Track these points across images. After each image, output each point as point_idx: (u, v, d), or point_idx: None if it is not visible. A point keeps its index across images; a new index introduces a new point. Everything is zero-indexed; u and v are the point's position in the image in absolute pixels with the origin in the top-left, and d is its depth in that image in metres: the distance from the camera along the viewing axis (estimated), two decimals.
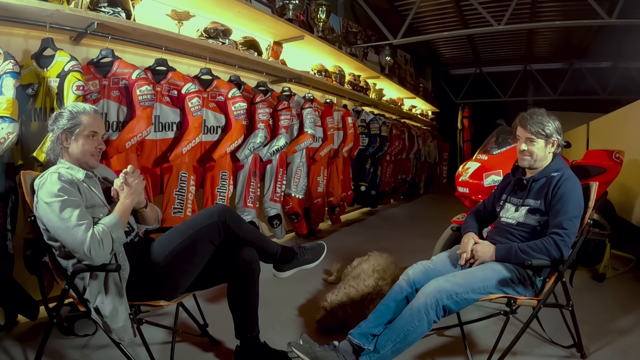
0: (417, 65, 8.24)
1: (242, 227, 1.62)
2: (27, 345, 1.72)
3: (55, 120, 1.50)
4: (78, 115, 1.50)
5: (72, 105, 1.55)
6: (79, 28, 2.10)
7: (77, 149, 1.50)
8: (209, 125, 2.71)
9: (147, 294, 1.47)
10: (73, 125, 1.49)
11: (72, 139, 1.49)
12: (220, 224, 1.54)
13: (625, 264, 3.11)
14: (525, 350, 1.82)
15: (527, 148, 1.73)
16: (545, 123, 1.70)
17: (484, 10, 4.95)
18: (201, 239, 1.52)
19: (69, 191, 1.38)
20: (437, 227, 2.78)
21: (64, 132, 1.49)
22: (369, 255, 2.58)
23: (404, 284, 1.69)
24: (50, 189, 1.36)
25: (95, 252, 1.31)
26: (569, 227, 1.59)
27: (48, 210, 1.34)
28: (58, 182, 1.38)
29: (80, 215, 1.34)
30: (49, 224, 1.36)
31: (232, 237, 1.58)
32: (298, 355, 1.53)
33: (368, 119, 5.06)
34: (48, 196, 1.35)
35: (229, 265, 1.58)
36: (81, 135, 1.50)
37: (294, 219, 3.62)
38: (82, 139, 1.50)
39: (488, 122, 4.17)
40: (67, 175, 1.44)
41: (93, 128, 1.52)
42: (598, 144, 4.77)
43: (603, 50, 7.89)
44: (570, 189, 1.64)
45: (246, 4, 2.88)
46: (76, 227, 1.31)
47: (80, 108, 1.53)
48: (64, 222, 1.32)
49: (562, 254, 1.58)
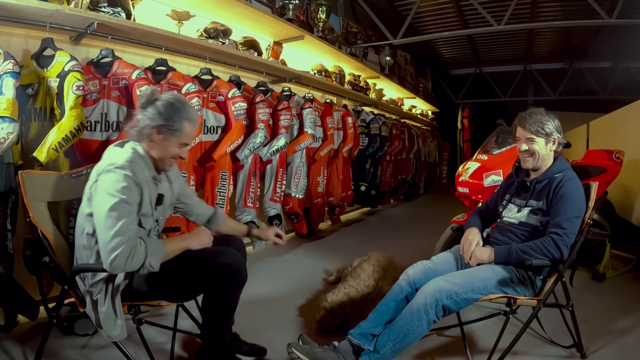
0: (417, 65, 8.24)
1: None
2: (27, 345, 1.72)
3: (156, 103, 1.39)
4: (182, 122, 1.41)
5: (182, 103, 1.43)
6: (79, 28, 2.10)
7: (162, 150, 1.42)
8: (209, 125, 2.71)
9: (148, 294, 1.46)
10: (174, 128, 1.40)
11: (162, 138, 1.41)
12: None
13: (625, 264, 3.11)
14: (525, 350, 1.82)
15: (528, 148, 1.72)
16: (545, 122, 1.70)
17: (484, 10, 4.94)
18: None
19: (130, 193, 1.32)
20: (437, 227, 2.79)
21: (160, 128, 1.39)
22: (369, 255, 2.58)
23: (403, 283, 1.69)
24: (116, 181, 1.30)
25: (116, 265, 1.26)
26: (568, 227, 1.59)
27: (104, 199, 1.29)
28: (126, 179, 1.31)
29: (127, 223, 1.28)
30: (96, 209, 1.31)
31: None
32: (298, 355, 1.53)
33: (368, 119, 5.06)
34: (110, 187, 1.30)
35: (207, 268, 1.43)
36: (175, 142, 1.42)
37: (294, 219, 3.62)
38: (172, 143, 1.42)
39: (488, 122, 4.17)
40: (138, 174, 1.36)
41: (188, 140, 1.46)
42: (598, 144, 4.77)
43: (603, 50, 7.89)
44: (571, 189, 1.64)
45: (246, 4, 2.88)
46: (115, 234, 1.26)
47: (189, 113, 1.43)
48: (108, 220, 1.27)
49: (562, 253, 1.58)
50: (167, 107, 1.40)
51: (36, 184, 1.50)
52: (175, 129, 1.41)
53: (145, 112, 1.41)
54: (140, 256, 1.29)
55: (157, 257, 1.34)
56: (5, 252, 1.76)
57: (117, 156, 1.37)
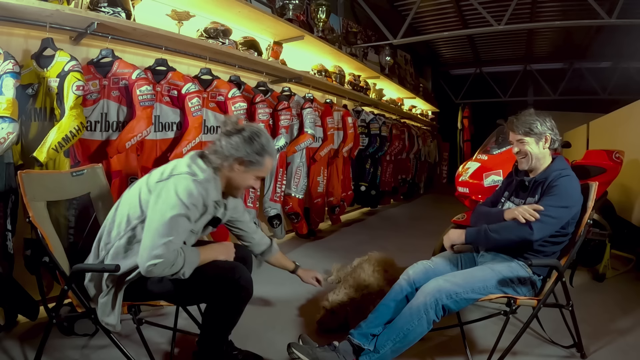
0: (417, 65, 8.24)
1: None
2: (27, 345, 1.72)
3: (247, 141, 1.42)
4: (265, 157, 1.45)
5: (266, 140, 1.46)
6: (79, 28, 2.10)
7: (239, 181, 1.47)
8: (209, 125, 2.71)
9: (152, 295, 1.46)
10: (256, 162, 1.44)
11: (242, 169, 1.44)
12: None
13: (625, 264, 3.11)
14: (525, 350, 1.82)
15: (519, 150, 1.75)
16: (532, 122, 1.71)
17: (484, 10, 4.95)
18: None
19: (194, 210, 1.35)
20: (437, 227, 2.79)
21: (243, 160, 1.42)
22: (369, 255, 2.58)
23: (404, 283, 1.69)
24: (189, 193, 1.32)
25: (153, 271, 1.27)
26: (549, 212, 1.58)
27: (170, 202, 1.30)
28: (199, 195, 1.35)
29: (179, 239, 1.30)
30: (157, 207, 1.32)
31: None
32: (298, 355, 1.53)
33: (368, 119, 5.06)
34: (182, 193, 1.31)
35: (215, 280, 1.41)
36: (253, 174, 1.47)
37: (294, 219, 3.62)
38: (251, 176, 1.47)
39: (488, 122, 4.18)
40: (210, 194, 1.40)
41: (265, 174, 1.51)
42: (598, 144, 4.77)
43: (603, 50, 7.89)
44: (564, 183, 1.64)
45: (246, 4, 2.88)
46: (165, 245, 1.27)
47: (271, 149, 1.47)
48: (164, 228, 1.28)
49: (533, 233, 1.56)
50: (253, 140, 1.43)
51: (35, 184, 1.50)
52: (257, 163, 1.44)
53: (230, 139, 1.43)
54: (178, 266, 1.31)
55: (191, 267, 1.36)
56: (5, 252, 1.76)
57: (199, 168, 1.40)
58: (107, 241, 1.44)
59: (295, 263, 1.89)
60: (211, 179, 1.42)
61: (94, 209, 1.74)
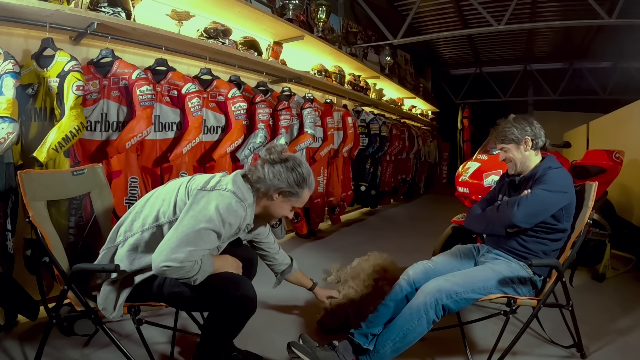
0: (417, 65, 8.24)
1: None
2: (27, 345, 1.72)
3: (290, 174, 1.43)
4: (304, 190, 1.47)
5: (309, 174, 1.48)
6: (79, 28, 2.10)
7: (276, 210, 1.48)
8: (209, 125, 2.71)
9: (155, 297, 1.45)
10: (296, 194, 1.46)
11: (281, 199, 1.46)
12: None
13: (625, 264, 3.11)
14: (525, 350, 1.82)
15: (505, 157, 1.81)
16: (507, 129, 1.77)
17: (484, 10, 4.94)
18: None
19: (228, 229, 1.36)
20: (437, 227, 2.79)
21: (284, 192, 1.44)
22: (369, 255, 2.58)
23: (404, 283, 1.69)
24: (229, 211, 1.33)
25: (166, 273, 1.28)
26: (533, 193, 1.63)
27: (207, 213, 1.30)
28: (236, 217, 1.36)
29: (202, 252, 1.30)
30: (192, 212, 1.31)
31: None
32: (298, 355, 1.54)
33: (368, 119, 5.06)
34: (222, 207, 1.32)
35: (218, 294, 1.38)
36: (290, 204, 1.49)
37: (294, 219, 3.62)
38: (287, 206, 1.49)
39: (488, 122, 4.17)
40: (246, 219, 1.42)
41: (301, 206, 1.53)
42: (598, 144, 4.77)
43: (603, 50, 7.89)
44: (552, 174, 1.67)
45: (246, 4, 2.88)
46: (187, 253, 1.26)
47: (311, 182, 1.49)
48: (192, 236, 1.28)
49: (516, 212, 1.61)
50: (296, 174, 1.45)
51: (35, 184, 1.49)
52: (297, 194, 1.46)
53: (273, 169, 1.44)
54: (192, 273, 1.31)
55: (204, 276, 1.35)
56: (5, 252, 1.76)
57: (242, 189, 1.41)
58: (127, 229, 1.43)
59: (313, 281, 1.94)
60: (250, 204, 1.44)
61: (94, 209, 1.74)
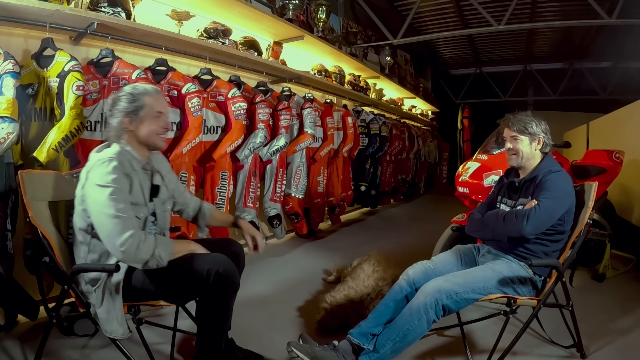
0: (417, 65, 8.24)
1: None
2: (27, 345, 1.72)
3: (114, 104, 1.46)
4: (140, 97, 1.47)
5: (131, 87, 1.51)
6: (79, 28, 2.10)
7: (144, 131, 1.47)
8: (209, 125, 2.71)
9: (146, 293, 1.45)
10: (136, 107, 1.46)
11: (137, 122, 1.46)
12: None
13: (625, 264, 3.11)
14: (525, 350, 1.82)
15: (512, 146, 1.77)
16: (528, 122, 1.74)
17: (484, 10, 4.94)
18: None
19: (121, 182, 1.37)
20: (437, 227, 2.79)
21: (127, 115, 1.45)
22: (368, 256, 2.58)
23: (403, 283, 1.69)
24: (105, 173, 1.34)
25: (129, 249, 1.28)
26: (542, 204, 1.60)
27: (97, 192, 1.33)
28: (114, 170, 1.35)
29: (124, 209, 1.33)
30: (92, 206, 1.34)
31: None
32: (298, 355, 1.53)
33: (368, 119, 5.06)
34: (101, 179, 1.33)
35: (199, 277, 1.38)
36: (147, 116, 1.47)
37: (294, 219, 3.62)
38: (147, 120, 1.47)
39: (488, 122, 4.17)
40: (125, 165, 1.41)
41: (158, 108, 1.50)
42: (598, 144, 4.77)
43: (603, 50, 7.88)
44: (554, 178, 1.66)
45: (246, 4, 2.88)
46: (118, 219, 1.30)
47: (141, 89, 1.49)
48: (109, 209, 1.30)
49: (526, 226, 1.58)
50: (118, 98, 1.48)
51: (36, 184, 1.49)
52: (137, 106, 1.46)
53: (112, 115, 1.48)
54: (151, 244, 1.32)
55: (166, 249, 1.37)
56: (5, 252, 1.76)
57: (104, 153, 1.42)
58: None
59: (237, 217, 1.81)
60: (122, 152, 1.43)
61: None
